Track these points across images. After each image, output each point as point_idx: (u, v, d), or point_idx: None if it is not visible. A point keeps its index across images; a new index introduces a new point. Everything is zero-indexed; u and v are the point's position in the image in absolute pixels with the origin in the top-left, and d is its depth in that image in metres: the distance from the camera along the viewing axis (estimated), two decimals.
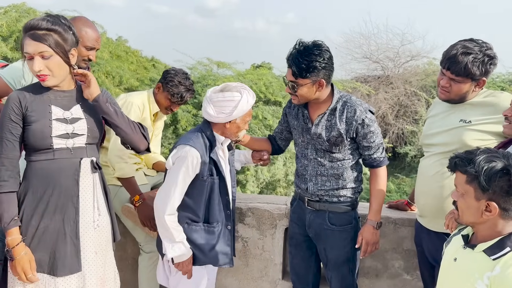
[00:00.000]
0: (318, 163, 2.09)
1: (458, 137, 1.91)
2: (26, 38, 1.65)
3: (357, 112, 1.99)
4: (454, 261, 1.42)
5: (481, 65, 1.82)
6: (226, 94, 1.90)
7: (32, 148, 1.71)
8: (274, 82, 7.93)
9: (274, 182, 7.75)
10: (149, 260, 2.45)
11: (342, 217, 2.09)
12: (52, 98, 1.74)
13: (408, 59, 12.16)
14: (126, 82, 7.06)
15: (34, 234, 1.71)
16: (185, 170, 1.88)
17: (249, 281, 2.60)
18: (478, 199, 1.31)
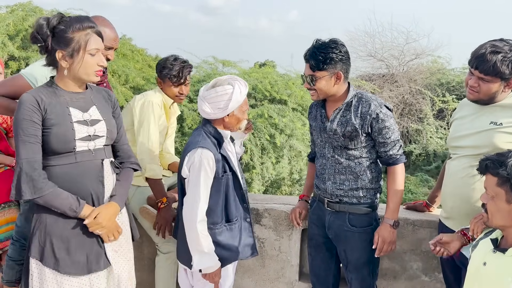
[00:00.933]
0: (335, 161, 2.09)
1: (489, 139, 1.87)
2: (92, 34, 1.67)
3: (371, 107, 1.99)
4: (484, 265, 1.41)
5: (510, 64, 1.79)
6: (218, 89, 1.90)
7: (53, 152, 1.67)
8: (279, 80, 7.92)
9: (279, 181, 7.75)
10: (166, 260, 2.45)
11: (362, 218, 2.08)
12: (69, 100, 1.71)
13: (413, 57, 12.11)
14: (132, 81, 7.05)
15: (70, 236, 1.71)
16: (205, 173, 1.87)
17: (266, 282, 2.60)
18: (510, 202, 1.31)
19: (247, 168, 6.91)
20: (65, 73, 1.68)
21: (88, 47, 1.65)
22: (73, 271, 1.70)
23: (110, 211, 1.76)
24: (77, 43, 1.64)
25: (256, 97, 7.35)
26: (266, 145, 6.92)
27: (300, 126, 7.12)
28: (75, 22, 1.65)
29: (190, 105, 6.79)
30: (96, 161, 1.76)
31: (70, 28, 1.63)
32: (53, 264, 1.67)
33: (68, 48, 1.63)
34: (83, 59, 1.66)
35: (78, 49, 1.64)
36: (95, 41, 1.68)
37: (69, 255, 1.69)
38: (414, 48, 12.17)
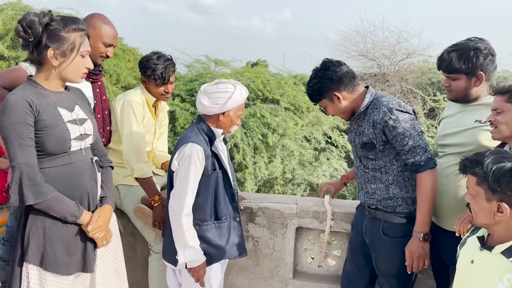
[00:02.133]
0: (363, 171, 2.07)
1: (473, 137, 1.92)
2: (84, 37, 1.68)
3: (380, 114, 1.90)
4: (471, 263, 1.42)
5: (466, 59, 1.88)
6: (220, 86, 1.96)
7: (47, 154, 1.64)
8: (271, 80, 7.93)
9: (272, 180, 7.76)
10: (159, 260, 2.44)
11: (396, 228, 1.97)
12: (55, 100, 1.68)
13: (404, 56, 12.18)
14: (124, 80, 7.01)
15: (68, 237, 1.71)
16: (194, 167, 1.89)
17: (260, 281, 2.60)
18: (489, 200, 1.32)
19: (239, 167, 6.91)
20: (54, 71, 1.66)
21: (81, 49, 1.66)
22: (72, 270, 1.71)
23: (107, 214, 1.79)
24: (71, 43, 1.63)
25: (248, 96, 7.33)
26: (259, 145, 6.92)
27: (292, 126, 7.13)
28: (71, 23, 1.64)
29: (182, 105, 6.77)
30: (87, 160, 1.77)
31: (66, 27, 1.62)
32: (55, 267, 1.66)
33: (62, 46, 1.62)
34: (74, 59, 1.66)
35: (72, 49, 1.64)
36: (87, 44, 1.70)
37: (69, 256, 1.70)
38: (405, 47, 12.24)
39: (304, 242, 2.61)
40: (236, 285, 2.62)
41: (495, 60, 1.95)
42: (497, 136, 1.73)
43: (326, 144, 8.30)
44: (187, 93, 7.13)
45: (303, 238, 2.60)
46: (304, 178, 7.85)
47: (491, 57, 1.91)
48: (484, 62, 1.89)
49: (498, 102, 1.71)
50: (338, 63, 2.03)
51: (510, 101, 1.67)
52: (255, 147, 6.97)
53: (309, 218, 2.49)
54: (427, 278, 2.43)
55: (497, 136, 1.73)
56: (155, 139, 2.62)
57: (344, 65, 2.03)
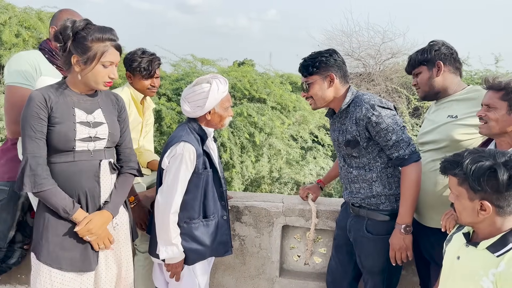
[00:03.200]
0: (347, 170, 2.09)
1: (446, 133, 1.98)
2: (110, 47, 1.72)
3: (362, 111, 1.92)
4: (457, 259, 1.44)
5: (423, 52, 2.11)
6: (196, 88, 1.95)
7: (53, 150, 1.72)
8: (258, 79, 7.93)
9: (259, 179, 7.77)
10: (145, 260, 2.43)
11: (379, 225, 1.99)
12: (76, 101, 1.76)
13: (389, 56, 12.32)
14: None
15: (66, 233, 1.75)
16: (185, 166, 1.89)
17: (246, 279, 2.60)
18: (472, 200, 1.34)
19: (226, 167, 6.89)
20: (78, 76, 1.73)
21: (102, 59, 1.70)
22: (65, 266, 1.74)
23: (102, 219, 1.80)
24: (93, 52, 1.69)
25: (235, 95, 7.34)
26: (246, 144, 6.92)
27: (279, 125, 7.15)
28: (97, 32, 1.70)
29: (168, 104, 6.73)
30: (94, 161, 1.80)
31: (90, 36, 1.68)
32: (46, 258, 1.72)
33: (84, 55, 1.69)
34: (95, 68, 1.71)
35: (93, 58, 1.70)
36: (111, 54, 1.73)
37: (63, 250, 1.74)
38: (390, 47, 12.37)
39: (290, 240, 2.62)
40: (222, 284, 2.62)
41: (454, 54, 2.09)
42: (485, 132, 1.75)
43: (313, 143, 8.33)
44: (173, 92, 7.09)
45: (289, 236, 2.62)
46: (291, 177, 7.88)
47: (447, 49, 2.08)
48: (440, 51, 2.07)
49: (491, 99, 1.72)
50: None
51: (504, 99, 1.68)
52: (242, 146, 6.97)
53: (295, 216, 2.50)
54: (412, 275, 2.46)
55: (485, 132, 1.75)
56: (141, 137, 2.60)
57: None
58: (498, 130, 1.69)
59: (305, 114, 7.98)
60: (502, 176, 1.27)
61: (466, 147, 1.97)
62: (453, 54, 2.10)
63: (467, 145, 1.97)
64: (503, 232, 1.34)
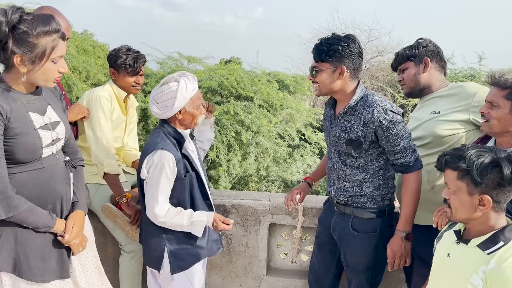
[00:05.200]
0: (339, 167, 2.01)
1: (429, 129, 1.99)
2: (58, 40, 1.51)
3: (374, 113, 1.84)
4: (448, 256, 1.44)
5: (411, 47, 2.13)
6: (163, 88, 1.87)
7: (18, 162, 1.53)
8: (245, 77, 7.90)
9: (246, 177, 7.76)
10: (130, 259, 2.40)
11: (365, 223, 1.98)
12: (26, 104, 1.56)
13: (375, 54, 12.44)
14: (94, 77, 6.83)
15: (44, 244, 1.65)
16: (165, 175, 1.84)
17: (233, 278, 2.59)
18: (471, 194, 1.33)
19: (213, 165, 6.86)
20: (23, 78, 1.51)
21: (53, 55, 1.49)
22: (47, 278, 1.64)
23: (81, 220, 1.74)
24: (41, 49, 1.47)
25: (222, 93, 7.31)
26: (233, 142, 6.90)
27: (266, 123, 7.14)
28: (41, 25, 1.45)
29: None
30: (60, 163, 1.70)
31: (34, 31, 1.44)
32: (28, 274, 1.59)
33: (31, 54, 1.46)
34: (44, 66, 1.50)
35: (42, 56, 1.47)
36: (61, 48, 1.53)
37: (43, 262, 1.63)
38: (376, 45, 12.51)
39: (277, 238, 2.62)
40: (209, 283, 2.60)
41: (441, 52, 2.13)
42: (486, 130, 1.74)
43: (300, 141, 8.34)
44: None
45: (276, 234, 2.61)
46: (278, 175, 7.89)
47: (433, 46, 2.12)
48: (427, 48, 2.10)
49: (495, 96, 1.69)
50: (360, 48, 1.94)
51: (509, 98, 1.65)
52: (229, 145, 6.94)
53: (282, 215, 2.50)
54: (398, 272, 2.47)
55: (486, 130, 1.74)
56: (125, 135, 2.57)
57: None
58: (500, 129, 1.68)
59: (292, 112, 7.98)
60: (506, 171, 1.27)
61: (449, 143, 1.98)
62: (439, 52, 2.13)
63: (450, 141, 1.98)
64: (494, 230, 1.35)
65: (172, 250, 1.92)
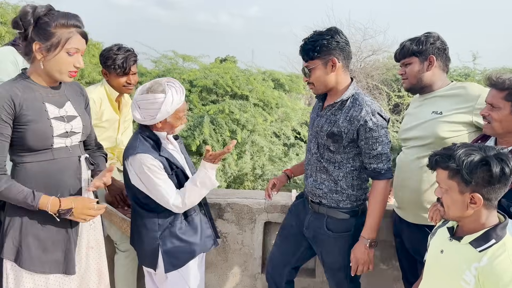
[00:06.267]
0: (317, 159, 2.00)
1: (431, 129, 1.96)
2: (75, 34, 1.61)
3: (362, 112, 1.84)
4: (441, 253, 1.46)
5: (418, 42, 2.02)
6: (149, 96, 1.82)
7: (29, 149, 1.62)
8: (240, 76, 7.90)
9: (241, 176, 7.76)
10: (125, 258, 2.40)
11: (339, 223, 1.98)
12: (44, 96, 1.66)
13: (370, 53, 12.46)
14: (88, 76, 6.82)
15: (47, 235, 1.69)
16: (154, 172, 1.83)
17: (229, 276, 2.60)
18: (462, 193, 1.35)
19: None
20: (41, 65, 1.61)
21: (67, 45, 1.59)
22: (48, 269, 1.68)
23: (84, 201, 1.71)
24: (57, 38, 1.58)
25: (217, 92, 7.30)
26: (228, 141, 6.90)
27: (261, 122, 7.14)
28: (61, 18, 1.59)
29: None
30: (73, 158, 1.75)
31: (54, 22, 1.57)
32: (29, 264, 1.64)
33: (47, 42, 1.57)
34: (58, 56, 1.59)
35: (57, 44, 1.58)
36: (77, 41, 1.62)
37: (45, 253, 1.68)
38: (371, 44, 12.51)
39: (272, 236, 2.63)
40: (205, 282, 2.60)
41: (447, 51, 2.05)
42: (489, 132, 1.74)
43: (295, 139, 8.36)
44: None
45: (271, 232, 2.62)
46: (274, 174, 7.89)
47: (441, 43, 2.02)
48: (434, 45, 2.01)
49: (495, 98, 1.69)
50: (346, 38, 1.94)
51: (508, 99, 1.65)
52: (224, 144, 6.94)
53: (277, 213, 2.51)
54: (393, 269, 2.50)
55: (489, 132, 1.74)
56: (119, 134, 2.56)
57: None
58: (502, 130, 1.69)
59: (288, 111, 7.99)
60: (495, 169, 1.28)
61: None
62: (446, 50, 2.04)
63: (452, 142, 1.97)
64: (486, 228, 1.36)
65: (165, 248, 1.92)
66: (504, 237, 1.35)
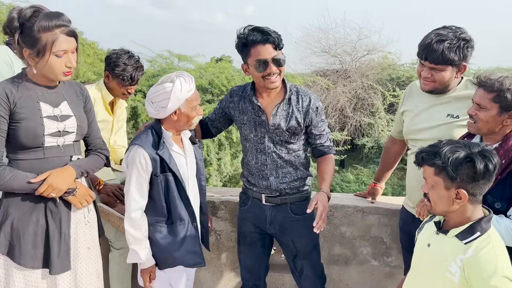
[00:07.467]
0: (277, 156, 2.07)
1: (448, 133, 1.91)
2: (60, 35, 1.58)
3: (312, 100, 2.06)
4: (428, 246, 1.50)
5: (457, 49, 1.83)
6: (158, 88, 1.83)
7: (20, 147, 1.65)
8: (235, 75, 7.92)
9: (237, 176, 7.78)
10: (120, 256, 2.41)
11: (303, 205, 2.07)
12: (40, 94, 1.67)
13: (365, 53, 12.53)
14: (83, 76, 6.80)
15: (36, 231, 1.70)
16: (136, 171, 1.83)
17: (222, 273, 2.62)
18: (448, 189, 1.39)
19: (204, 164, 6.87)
20: (34, 70, 1.62)
21: (54, 49, 1.57)
22: (37, 264, 1.70)
23: (63, 172, 1.72)
24: (42, 43, 1.56)
25: (213, 92, 7.32)
26: (223, 141, 6.92)
27: None
28: (43, 20, 1.55)
29: (144, 101, 6.65)
30: (65, 157, 1.76)
31: (36, 26, 1.54)
32: (19, 258, 1.67)
33: (34, 48, 1.57)
34: (48, 60, 1.59)
35: (44, 49, 1.57)
36: (63, 42, 1.59)
37: (36, 249, 1.70)
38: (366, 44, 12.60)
39: None
40: (198, 279, 2.63)
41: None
42: (474, 131, 1.76)
43: None
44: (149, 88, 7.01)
45: None
46: None
47: (472, 48, 1.88)
48: (471, 52, 1.87)
49: (483, 99, 1.69)
50: None
51: (496, 101, 1.66)
52: (220, 143, 6.96)
53: None
54: (384, 265, 2.53)
55: (474, 131, 1.76)
56: (112, 134, 2.58)
57: None
58: (487, 130, 1.72)
59: None
60: (479, 165, 1.32)
61: None
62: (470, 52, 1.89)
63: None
64: (471, 221, 1.40)
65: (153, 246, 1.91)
66: (488, 230, 1.39)
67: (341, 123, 11.79)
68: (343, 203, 2.52)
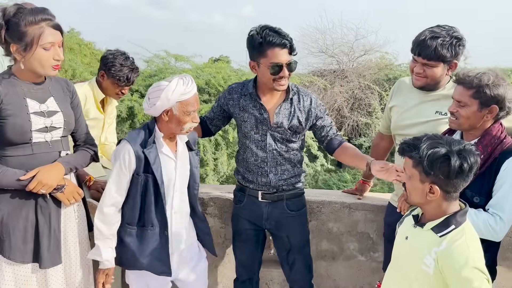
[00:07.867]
0: (277, 153, 2.12)
1: (435, 129, 1.94)
2: (46, 28, 1.62)
3: (313, 100, 2.14)
4: (406, 239, 1.53)
5: (450, 46, 1.90)
6: (155, 84, 1.82)
7: (8, 143, 1.67)
8: (232, 75, 7.95)
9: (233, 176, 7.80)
10: None
11: (298, 201, 2.21)
12: (26, 91, 1.70)
13: (362, 53, 12.57)
14: (80, 76, 6.85)
15: (25, 226, 1.72)
16: (118, 165, 1.82)
17: (212, 269, 2.65)
18: (423, 182, 1.42)
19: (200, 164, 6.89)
20: (22, 66, 1.65)
21: (41, 42, 1.61)
22: (27, 259, 1.73)
23: (52, 168, 1.74)
24: (30, 37, 1.60)
25: (209, 92, 7.35)
26: (220, 141, 6.95)
27: None
28: (28, 15, 1.60)
29: (141, 100, 6.69)
30: (53, 153, 1.78)
31: (23, 21, 1.59)
32: (8, 253, 1.69)
33: (22, 42, 1.60)
34: (36, 53, 1.62)
35: (31, 43, 1.60)
36: (50, 35, 1.63)
37: (25, 244, 1.72)
38: (363, 44, 12.62)
39: None
40: None
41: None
42: (455, 127, 1.80)
43: None
44: (146, 88, 7.04)
45: None
46: None
47: (464, 46, 1.95)
48: (462, 50, 1.94)
49: (463, 96, 1.73)
50: None
51: (476, 97, 1.70)
52: (216, 143, 6.99)
53: None
54: (371, 261, 2.56)
55: (455, 127, 1.80)
56: (103, 133, 2.62)
57: None
58: (468, 126, 1.75)
59: None
60: (454, 164, 1.34)
61: None
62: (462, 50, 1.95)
63: None
64: (447, 215, 1.43)
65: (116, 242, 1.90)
66: (463, 223, 1.42)
67: (338, 123, 11.83)
68: (330, 199, 2.55)
